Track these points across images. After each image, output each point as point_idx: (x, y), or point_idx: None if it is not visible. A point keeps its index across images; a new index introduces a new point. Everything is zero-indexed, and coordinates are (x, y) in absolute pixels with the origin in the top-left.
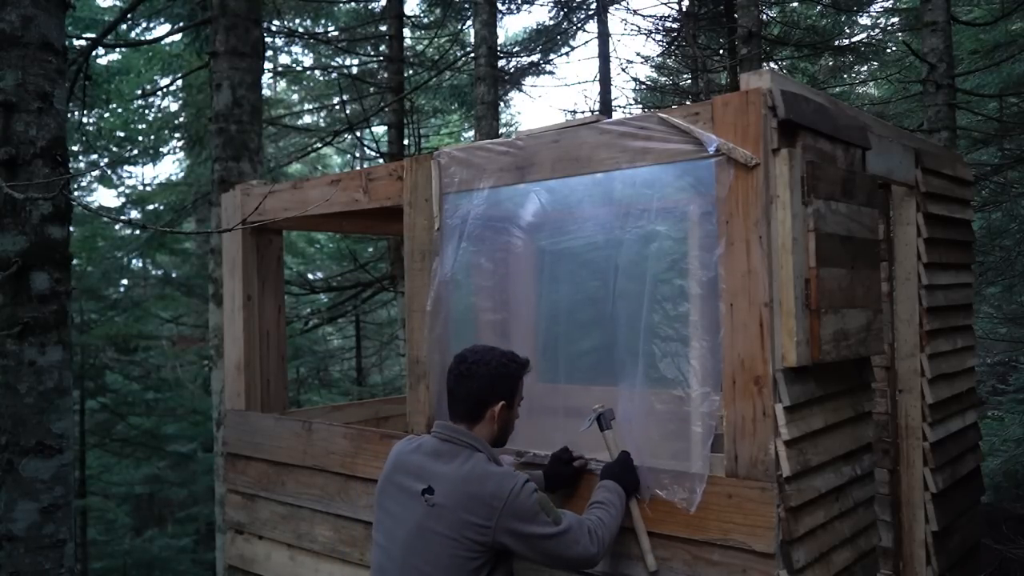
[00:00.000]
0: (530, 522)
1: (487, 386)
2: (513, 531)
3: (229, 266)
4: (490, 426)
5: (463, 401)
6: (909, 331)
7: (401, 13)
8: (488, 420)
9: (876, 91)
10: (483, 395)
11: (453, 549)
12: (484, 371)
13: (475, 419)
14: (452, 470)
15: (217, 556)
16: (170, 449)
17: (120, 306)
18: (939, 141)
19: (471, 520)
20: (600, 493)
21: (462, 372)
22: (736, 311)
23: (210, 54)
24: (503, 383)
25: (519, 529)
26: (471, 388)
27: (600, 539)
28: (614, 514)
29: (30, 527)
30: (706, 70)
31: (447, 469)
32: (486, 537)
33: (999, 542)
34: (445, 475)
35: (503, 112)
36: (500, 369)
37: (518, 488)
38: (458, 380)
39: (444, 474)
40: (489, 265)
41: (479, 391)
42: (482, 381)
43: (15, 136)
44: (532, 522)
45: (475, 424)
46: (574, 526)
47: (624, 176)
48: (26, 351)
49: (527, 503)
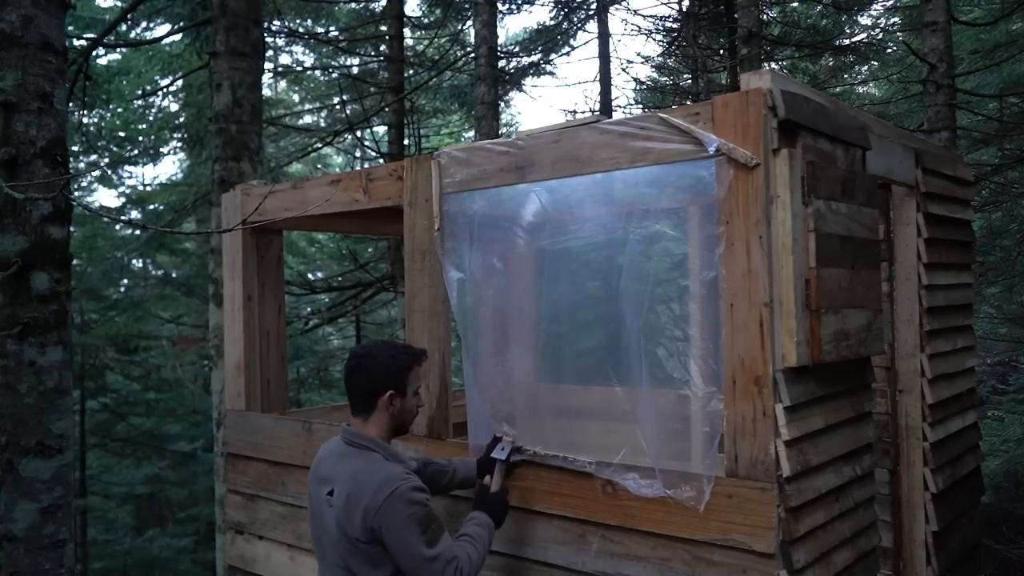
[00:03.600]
0: (403, 530)
1: (374, 378)
2: (387, 531)
3: (229, 266)
4: (384, 416)
5: (355, 395)
6: (909, 331)
7: (401, 13)
8: (380, 410)
9: (876, 91)
10: (372, 387)
11: (347, 545)
12: (371, 363)
13: (368, 411)
14: (347, 470)
15: (217, 556)
16: (170, 449)
17: (120, 306)
18: (939, 141)
19: (352, 518)
20: (471, 527)
21: (352, 367)
22: (736, 311)
23: (210, 54)
24: (390, 374)
25: (391, 531)
26: (360, 380)
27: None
28: (481, 551)
29: (30, 527)
30: (706, 70)
31: (344, 470)
32: (365, 536)
33: (999, 542)
34: (341, 476)
35: (503, 112)
36: (387, 361)
37: (400, 491)
38: (350, 375)
39: (341, 475)
40: (489, 265)
41: (368, 383)
42: (369, 373)
43: (15, 136)
44: (404, 531)
45: (369, 416)
46: (443, 555)
47: (624, 176)
48: (26, 351)
49: (403, 510)
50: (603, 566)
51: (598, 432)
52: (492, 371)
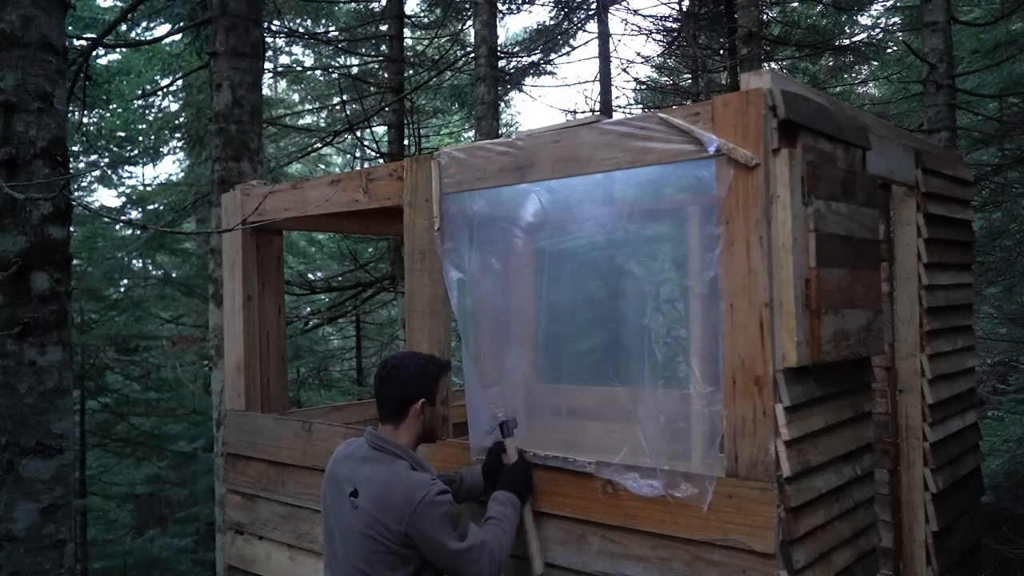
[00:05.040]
0: (436, 531)
1: (407, 387)
2: (421, 536)
3: (229, 266)
4: (415, 424)
5: (387, 403)
6: (909, 331)
7: (401, 13)
8: (412, 418)
9: (876, 91)
10: (404, 395)
11: (373, 547)
12: (404, 374)
13: (399, 419)
14: (374, 475)
15: (217, 556)
16: (170, 449)
17: (120, 306)
18: (939, 141)
19: (385, 523)
20: (495, 507)
21: (383, 376)
22: (736, 311)
23: (210, 54)
24: (422, 383)
25: (426, 535)
26: (393, 391)
27: (497, 561)
28: (508, 530)
29: (30, 527)
30: (706, 70)
31: (370, 474)
32: (398, 539)
33: (999, 542)
34: (368, 479)
35: (503, 112)
36: (418, 371)
37: (429, 497)
38: (381, 384)
39: (367, 478)
40: (489, 265)
41: (400, 392)
42: (402, 383)
43: (15, 136)
44: (438, 532)
45: (400, 423)
46: (476, 546)
47: (625, 176)
48: (26, 351)
49: (435, 513)
50: (603, 566)
51: (598, 432)
52: (492, 371)
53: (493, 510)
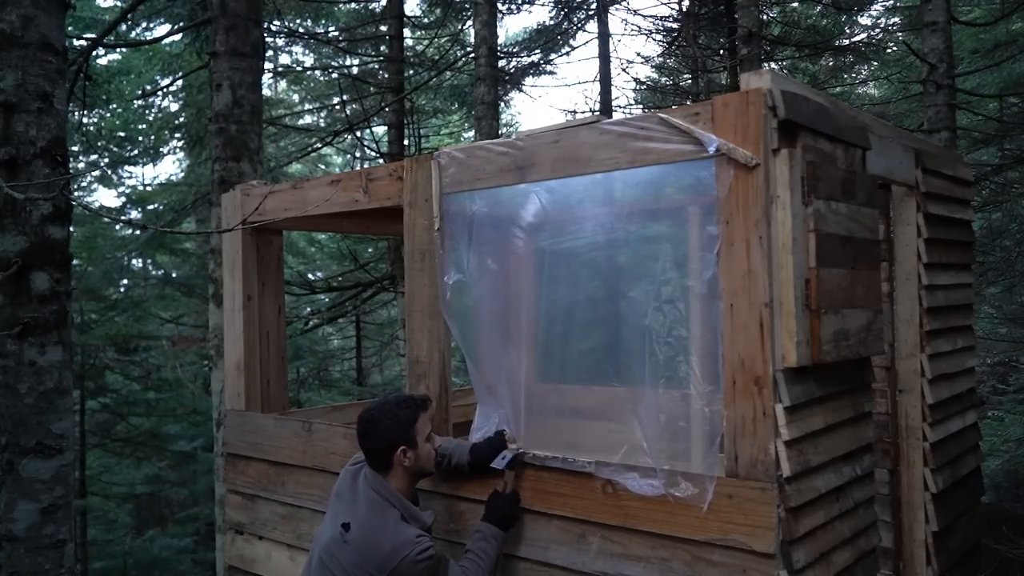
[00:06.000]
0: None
1: (385, 438)
2: None
3: (229, 266)
4: (400, 470)
5: (371, 455)
6: (909, 331)
7: (401, 13)
8: (398, 466)
9: (876, 91)
10: (384, 447)
11: None
12: (378, 428)
13: (387, 468)
14: (366, 520)
15: (217, 556)
16: (170, 449)
17: (120, 306)
18: (939, 141)
19: (367, 568)
20: (477, 542)
21: (361, 432)
22: (736, 311)
23: (210, 54)
24: (399, 431)
25: None
26: (373, 444)
27: None
28: (485, 568)
29: (30, 527)
30: (706, 70)
31: (364, 517)
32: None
33: (999, 542)
34: (360, 521)
35: (503, 112)
36: (391, 420)
37: (411, 557)
38: (361, 439)
39: (360, 520)
40: (489, 265)
41: (380, 444)
42: (379, 436)
43: (15, 136)
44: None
45: (388, 472)
46: None
47: (624, 176)
48: (26, 351)
49: (414, 571)
50: (603, 566)
51: (598, 432)
52: (492, 371)
53: (474, 544)
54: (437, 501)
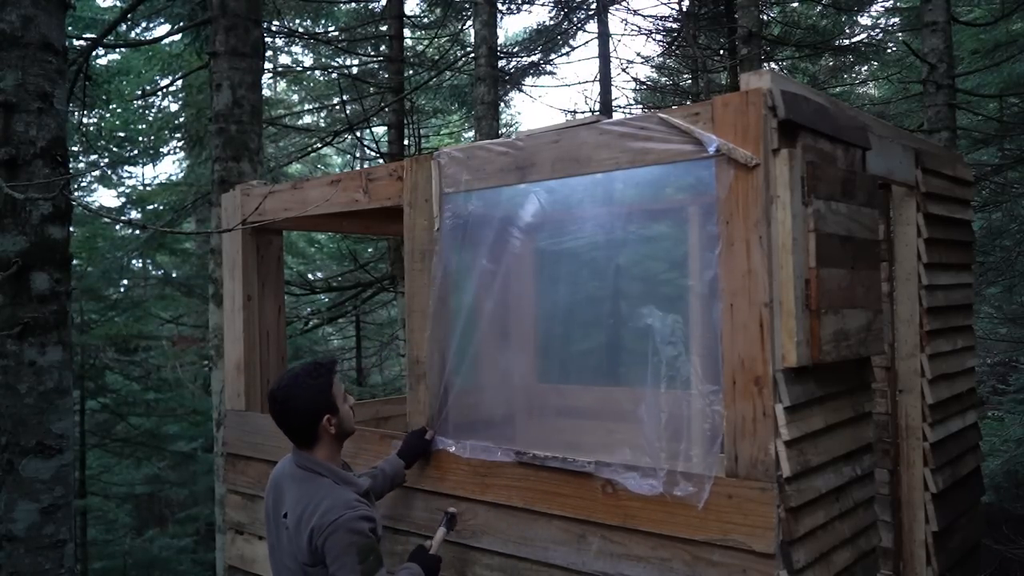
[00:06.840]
0: (342, 556)
1: (308, 411)
2: (330, 555)
3: (229, 266)
4: (328, 438)
5: (295, 433)
6: (909, 331)
7: (401, 13)
8: (323, 435)
9: (876, 91)
10: (308, 420)
11: (299, 569)
12: (298, 403)
13: (313, 442)
14: (300, 495)
15: (217, 556)
16: (170, 449)
17: (120, 306)
18: (939, 141)
19: (302, 542)
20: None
21: (278, 411)
22: (736, 311)
23: (210, 54)
24: (320, 400)
25: (332, 556)
26: (295, 421)
27: None
28: None
29: (30, 527)
30: (706, 70)
31: (297, 495)
32: (313, 558)
33: (999, 542)
34: (293, 499)
35: (503, 112)
36: (310, 391)
37: (346, 519)
38: (280, 418)
39: (295, 499)
40: (489, 266)
41: (303, 419)
42: (301, 413)
43: (15, 136)
44: (344, 556)
45: (315, 445)
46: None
47: (624, 176)
48: (26, 351)
49: (346, 539)
50: (603, 566)
51: (598, 432)
52: (492, 371)
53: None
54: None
